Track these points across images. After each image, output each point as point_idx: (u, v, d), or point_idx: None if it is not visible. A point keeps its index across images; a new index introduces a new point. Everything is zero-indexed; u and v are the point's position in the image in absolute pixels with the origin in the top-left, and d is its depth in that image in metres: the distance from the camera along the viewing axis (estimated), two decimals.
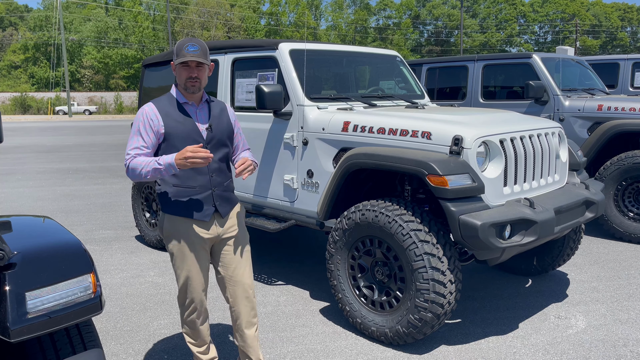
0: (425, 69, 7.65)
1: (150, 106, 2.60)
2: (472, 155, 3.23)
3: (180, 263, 2.69)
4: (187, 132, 2.59)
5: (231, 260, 2.76)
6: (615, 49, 61.99)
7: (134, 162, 2.52)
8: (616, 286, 4.47)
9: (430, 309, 3.13)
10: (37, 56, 53.63)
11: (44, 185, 9.91)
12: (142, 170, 2.49)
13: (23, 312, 1.79)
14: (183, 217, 2.62)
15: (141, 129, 2.56)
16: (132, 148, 2.56)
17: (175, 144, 2.57)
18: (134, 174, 2.53)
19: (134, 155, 2.55)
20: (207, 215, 2.64)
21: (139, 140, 2.56)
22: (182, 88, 2.61)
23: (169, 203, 2.64)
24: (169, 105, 2.62)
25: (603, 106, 5.94)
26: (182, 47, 2.54)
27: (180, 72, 2.58)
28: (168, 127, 2.57)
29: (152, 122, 2.56)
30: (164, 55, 5.72)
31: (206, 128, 2.64)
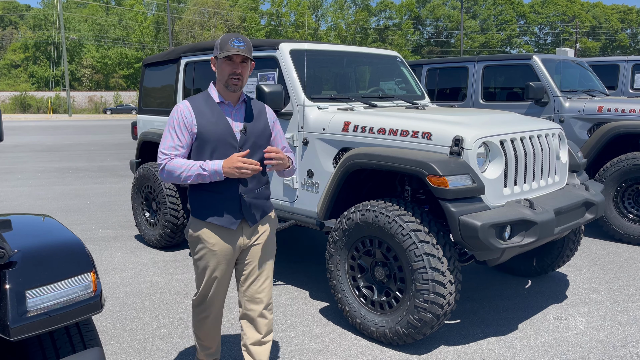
0: (425, 69, 7.65)
1: (184, 103, 2.49)
2: (473, 155, 3.23)
3: (201, 269, 2.59)
4: (220, 133, 2.46)
5: (252, 272, 2.63)
6: (615, 51, 62.04)
7: (172, 164, 2.41)
8: (616, 287, 4.47)
9: (429, 310, 3.13)
10: (37, 55, 53.62)
11: (44, 184, 9.91)
12: (182, 174, 2.39)
13: (23, 310, 1.79)
14: (209, 222, 2.51)
15: (176, 127, 2.45)
16: (167, 147, 2.44)
17: (207, 144, 2.45)
18: (170, 176, 2.42)
19: (171, 156, 2.43)
20: (233, 223, 2.51)
21: (174, 139, 2.45)
22: (222, 85, 2.48)
23: (196, 206, 2.54)
24: (204, 103, 2.50)
25: (603, 107, 5.95)
26: (228, 42, 2.42)
27: (222, 68, 2.44)
28: (201, 127, 2.45)
29: (186, 120, 2.45)
30: (164, 54, 5.72)
31: (240, 130, 2.51)
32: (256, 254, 2.62)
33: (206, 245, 2.53)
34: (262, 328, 2.67)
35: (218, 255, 2.55)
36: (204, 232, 2.53)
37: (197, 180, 2.40)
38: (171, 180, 2.43)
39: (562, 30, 62.40)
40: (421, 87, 5.19)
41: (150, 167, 5.55)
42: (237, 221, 2.52)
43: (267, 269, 2.68)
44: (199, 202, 2.52)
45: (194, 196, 2.54)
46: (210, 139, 2.45)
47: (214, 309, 2.69)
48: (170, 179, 2.43)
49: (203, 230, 2.53)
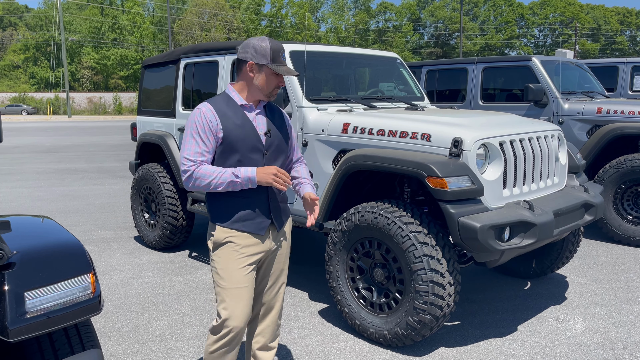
0: (425, 71, 7.66)
1: (207, 106, 2.35)
2: (472, 157, 3.23)
3: (227, 281, 2.40)
4: (245, 136, 2.36)
5: (270, 278, 2.56)
6: (614, 53, 62.12)
7: (201, 172, 2.28)
8: (615, 289, 4.47)
9: (429, 311, 3.13)
10: (37, 56, 53.63)
11: (43, 185, 9.90)
12: (213, 181, 2.27)
13: (22, 311, 1.79)
14: (237, 229, 2.39)
15: (200, 131, 2.30)
16: (193, 153, 2.30)
17: (233, 149, 2.34)
18: (198, 183, 2.29)
19: (198, 163, 2.30)
20: (262, 228, 2.42)
21: (200, 144, 2.30)
22: (261, 94, 2.39)
23: (221, 213, 2.40)
24: (226, 106, 2.38)
25: (602, 109, 5.95)
26: (279, 55, 2.35)
27: (270, 79, 2.36)
28: (227, 130, 2.33)
29: (211, 124, 2.31)
30: (163, 56, 5.72)
31: (264, 133, 2.42)
32: (277, 260, 2.57)
33: (232, 254, 2.39)
34: (273, 334, 2.63)
35: (245, 264, 2.42)
36: (230, 240, 2.40)
37: (228, 188, 2.29)
38: (198, 188, 2.30)
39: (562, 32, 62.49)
40: (420, 88, 5.20)
41: (150, 168, 5.55)
42: (265, 226, 2.44)
43: (284, 275, 2.64)
44: (225, 207, 2.40)
45: (217, 201, 2.41)
46: (236, 143, 2.34)
47: (239, 333, 2.43)
48: (197, 187, 2.30)
49: (229, 238, 2.40)
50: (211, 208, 2.45)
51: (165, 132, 5.49)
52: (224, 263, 2.41)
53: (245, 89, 2.41)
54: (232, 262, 2.40)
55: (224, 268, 2.41)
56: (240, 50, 2.39)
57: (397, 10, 65.62)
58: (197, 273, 4.93)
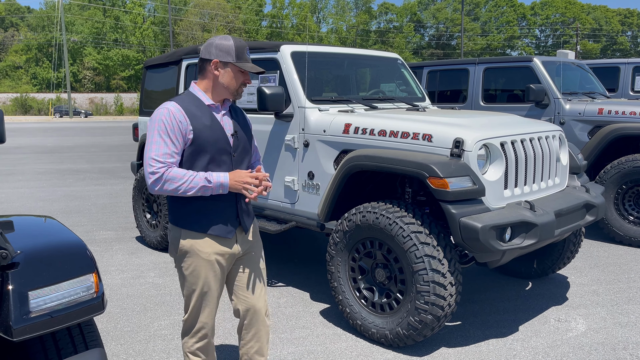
0: (426, 71, 7.67)
1: (175, 105, 2.25)
2: (473, 157, 3.24)
3: (194, 285, 2.38)
4: (215, 138, 2.29)
5: (248, 280, 2.51)
6: (615, 53, 62.07)
7: (172, 174, 2.18)
8: (616, 289, 4.47)
9: (430, 311, 3.14)
10: (39, 57, 53.71)
11: (45, 185, 9.92)
12: (183, 185, 2.19)
13: (25, 311, 1.80)
14: (204, 233, 2.33)
15: (169, 132, 2.20)
16: (162, 154, 2.19)
17: (204, 151, 2.27)
18: (167, 187, 2.19)
19: (168, 164, 2.20)
20: (231, 231, 2.37)
21: (169, 145, 2.20)
22: (228, 93, 2.35)
23: (186, 217, 2.33)
24: (194, 106, 2.30)
25: (604, 110, 5.95)
26: (244, 52, 2.31)
27: (236, 76, 2.32)
28: (197, 131, 2.25)
29: (181, 125, 2.22)
30: (165, 56, 5.73)
31: (232, 135, 2.36)
32: (251, 262, 2.52)
33: (200, 259, 2.35)
34: (264, 336, 2.58)
35: (214, 268, 2.38)
36: (197, 244, 2.33)
37: (198, 192, 2.21)
38: (165, 192, 2.20)
39: (563, 33, 62.45)
40: (422, 89, 5.21)
41: None
42: (233, 229, 2.39)
43: (263, 274, 2.59)
44: (191, 211, 2.32)
45: (183, 205, 2.33)
46: (206, 144, 2.27)
47: (209, 329, 2.49)
48: (163, 191, 2.20)
49: (196, 242, 2.33)
50: (175, 211, 2.36)
51: None
52: (191, 267, 2.37)
53: (211, 88, 2.35)
54: (200, 266, 2.35)
55: (192, 272, 2.37)
56: (203, 50, 2.33)
57: (398, 11, 65.63)
58: None
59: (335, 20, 63.36)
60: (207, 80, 2.35)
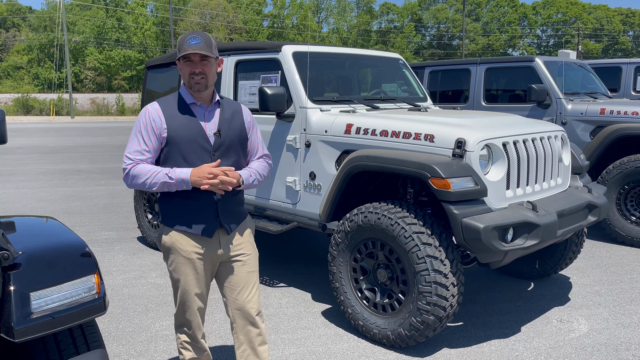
0: (427, 71, 7.66)
1: (154, 106, 2.36)
2: (475, 158, 3.23)
3: (176, 282, 2.46)
4: (192, 136, 2.33)
5: (237, 282, 2.49)
6: (617, 53, 62.00)
7: (137, 170, 2.28)
8: (618, 290, 4.46)
9: (432, 312, 3.13)
10: (41, 57, 53.79)
11: (46, 186, 9.93)
12: (147, 181, 2.27)
13: (27, 312, 1.80)
14: (183, 232, 2.39)
15: (142, 131, 2.32)
16: (133, 152, 2.31)
17: (179, 149, 2.33)
18: (134, 181, 2.29)
19: (136, 161, 2.30)
20: (210, 231, 2.39)
21: (140, 143, 2.32)
22: (188, 87, 2.37)
23: (168, 215, 2.41)
24: (175, 105, 2.37)
25: (605, 110, 5.94)
26: (184, 42, 2.30)
27: (183, 69, 2.34)
28: (171, 130, 2.32)
29: (155, 124, 2.31)
30: (167, 57, 5.73)
31: (214, 133, 2.38)
32: (240, 265, 2.50)
33: (181, 256, 2.40)
34: (256, 339, 2.53)
35: (194, 266, 2.41)
36: (177, 242, 2.39)
37: (162, 188, 2.28)
38: (135, 186, 2.30)
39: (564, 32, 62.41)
40: (423, 89, 5.20)
41: None
42: (213, 229, 2.39)
43: (254, 277, 2.55)
44: (171, 208, 2.39)
45: (165, 202, 2.40)
46: (181, 143, 2.32)
47: (195, 326, 2.54)
48: (134, 185, 2.30)
49: (176, 240, 2.39)
50: (161, 209, 2.44)
51: None
52: (173, 264, 2.43)
53: (186, 85, 2.41)
54: (181, 264, 2.41)
55: (174, 269, 2.44)
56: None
57: (399, 11, 65.62)
58: None
59: (337, 20, 63.36)
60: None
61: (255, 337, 2.54)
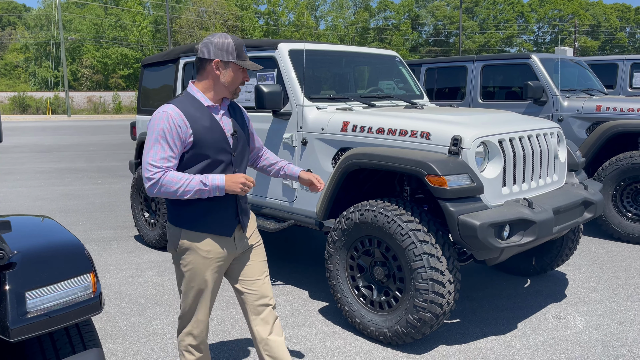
0: (424, 69, 7.66)
1: (174, 110, 2.24)
2: (471, 155, 3.23)
3: (191, 283, 2.40)
4: (215, 140, 2.29)
5: (253, 273, 2.50)
6: (613, 50, 62.09)
7: (168, 178, 2.19)
8: (614, 286, 4.48)
9: (429, 309, 3.14)
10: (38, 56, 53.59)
11: (43, 185, 9.90)
12: (179, 189, 2.19)
13: (23, 311, 1.80)
14: (204, 233, 2.34)
15: (167, 137, 2.20)
16: (159, 159, 2.19)
17: (204, 153, 2.27)
18: (163, 190, 2.19)
19: (165, 169, 2.20)
20: (230, 230, 2.39)
21: (166, 149, 2.20)
22: (229, 92, 2.35)
23: (187, 217, 2.33)
24: (194, 108, 2.28)
25: (602, 106, 5.96)
26: (243, 49, 2.31)
27: (237, 75, 2.32)
28: (197, 135, 2.25)
29: (180, 129, 2.21)
30: (162, 55, 5.72)
31: (231, 135, 2.36)
32: (254, 256, 2.54)
33: (200, 257, 2.36)
34: (278, 328, 2.54)
35: (213, 267, 2.39)
36: (197, 243, 2.34)
37: (194, 195, 2.22)
38: (163, 195, 2.21)
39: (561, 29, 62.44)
40: (420, 86, 5.20)
41: None
42: (233, 228, 2.40)
43: (266, 266, 2.59)
44: (190, 210, 2.33)
45: (183, 205, 2.33)
46: (207, 147, 2.28)
47: (203, 328, 2.51)
48: (161, 194, 2.21)
49: (196, 241, 2.34)
50: (175, 211, 2.36)
51: None
52: (190, 265, 2.38)
53: (211, 89, 2.34)
54: (199, 266, 2.37)
55: (190, 270, 2.38)
56: (202, 49, 2.31)
57: (396, 8, 65.57)
58: None
59: (335, 18, 63.28)
60: (206, 80, 2.34)
61: (278, 326, 2.54)
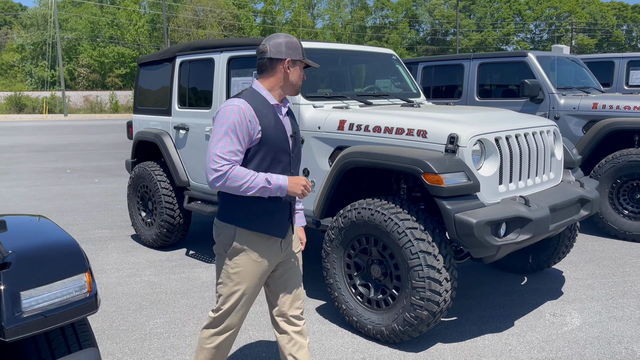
0: (421, 67, 7.66)
1: (246, 105, 2.22)
2: (468, 153, 3.24)
3: (237, 286, 2.35)
4: (279, 139, 2.29)
5: (294, 278, 2.50)
6: (610, 48, 62.18)
7: (235, 172, 2.16)
8: (611, 283, 4.49)
9: (426, 307, 3.14)
10: (34, 55, 53.43)
11: (39, 184, 9.88)
12: (244, 184, 2.16)
13: (18, 311, 1.79)
14: (260, 233, 2.31)
15: (237, 130, 2.17)
16: (227, 152, 2.16)
17: (269, 151, 2.26)
18: (228, 184, 2.16)
19: (232, 162, 2.17)
20: (284, 232, 2.38)
21: (235, 143, 2.17)
22: (293, 90, 2.37)
23: (244, 215, 2.29)
24: (262, 105, 2.27)
25: (598, 104, 5.97)
26: (300, 47, 2.35)
27: (296, 72, 2.33)
28: (265, 132, 2.23)
29: (250, 124, 2.20)
30: (159, 53, 5.71)
31: (291, 135, 2.36)
32: (295, 261, 2.52)
33: (251, 258, 2.33)
34: (305, 331, 2.55)
35: (262, 271, 2.37)
36: (251, 244, 2.32)
37: (256, 193, 2.19)
38: (226, 189, 2.18)
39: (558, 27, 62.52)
40: (417, 84, 5.20)
41: (146, 166, 5.55)
42: (286, 230, 2.39)
43: (301, 273, 2.58)
44: (246, 209, 2.29)
45: (241, 203, 2.29)
46: (271, 145, 2.26)
47: (236, 327, 2.47)
48: (225, 188, 2.18)
49: (251, 241, 2.32)
50: (231, 208, 2.31)
51: (161, 130, 5.48)
52: (240, 267, 2.34)
53: (278, 88, 2.34)
54: (250, 267, 2.34)
55: (239, 273, 2.34)
56: (272, 49, 2.30)
57: (393, 6, 65.56)
58: (195, 271, 4.94)
59: (332, 16, 63.22)
60: (274, 79, 2.33)
61: (305, 331, 2.54)
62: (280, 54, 2.30)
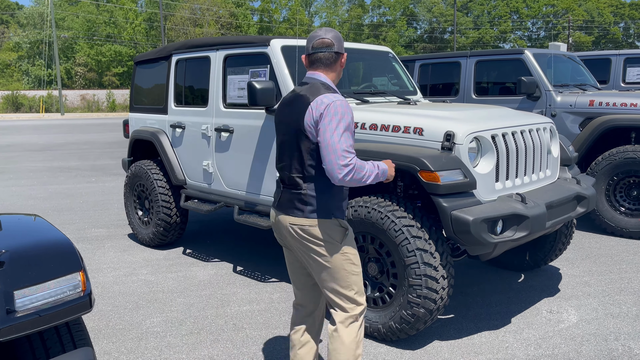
0: (418, 65, 7.66)
1: (347, 101, 2.36)
2: (464, 150, 3.23)
3: (358, 267, 2.47)
4: None
5: None
6: (607, 45, 62.29)
7: (359, 164, 2.28)
8: (608, 280, 4.50)
9: (422, 305, 3.14)
10: (31, 54, 53.27)
11: (36, 183, 9.85)
12: (366, 174, 2.29)
13: (12, 310, 1.78)
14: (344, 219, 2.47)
15: (351, 127, 2.31)
16: (350, 146, 2.27)
17: None
18: (355, 176, 2.26)
19: (355, 155, 2.30)
20: None
21: (351, 138, 2.29)
22: (338, 80, 2.52)
23: (336, 206, 2.41)
24: None
25: (595, 101, 5.97)
26: None
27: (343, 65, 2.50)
28: None
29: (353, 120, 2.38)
30: (155, 52, 5.69)
31: None
32: None
33: (354, 240, 2.50)
34: None
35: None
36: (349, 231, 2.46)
37: (372, 180, 2.32)
38: (352, 181, 2.26)
39: (555, 25, 62.57)
40: (413, 82, 5.19)
41: (143, 165, 5.53)
42: None
43: None
44: (339, 200, 2.43)
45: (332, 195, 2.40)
46: None
47: None
48: (352, 180, 2.26)
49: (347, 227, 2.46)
50: (324, 204, 2.38)
51: (157, 129, 5.47)
52: (354, 251, 2.47)
53: (337, 80, 2.50)
54: (355, 248, 2.49)
55: (355, 255, 2.46)
56: (337, 44, 2.44)
57: (391, 4, 65.53)
58: (192, 270, 4.93)
59: (329, 14, 63.15)
60: (335, 73, 2.49)
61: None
62: (342, 48, 2.48)
